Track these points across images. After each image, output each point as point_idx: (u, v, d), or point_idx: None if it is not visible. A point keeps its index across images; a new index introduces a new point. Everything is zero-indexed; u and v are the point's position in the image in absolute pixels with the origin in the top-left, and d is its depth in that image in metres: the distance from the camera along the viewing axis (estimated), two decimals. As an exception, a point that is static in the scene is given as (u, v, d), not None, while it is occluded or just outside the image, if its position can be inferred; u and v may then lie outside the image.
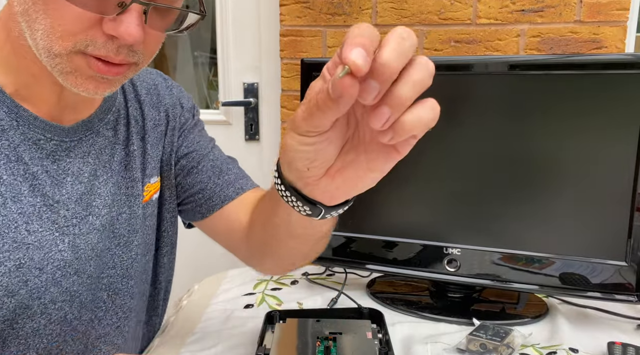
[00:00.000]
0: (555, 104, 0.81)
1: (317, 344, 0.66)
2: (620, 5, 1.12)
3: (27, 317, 0.57)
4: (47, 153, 0.58)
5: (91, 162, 0.63)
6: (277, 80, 1.35)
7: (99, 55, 0.50)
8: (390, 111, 0.38)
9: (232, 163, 0.79)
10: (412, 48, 0.38)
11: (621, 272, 0.80)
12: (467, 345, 0.73)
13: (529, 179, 0.83)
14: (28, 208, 0.56)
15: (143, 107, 0.71)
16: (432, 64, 0.40)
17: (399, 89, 0.38)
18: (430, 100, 0.42)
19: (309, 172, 0.46)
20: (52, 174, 0.58)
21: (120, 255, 0.66)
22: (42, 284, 0.58)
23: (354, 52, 0.35)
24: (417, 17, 1.19)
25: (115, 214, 0.65)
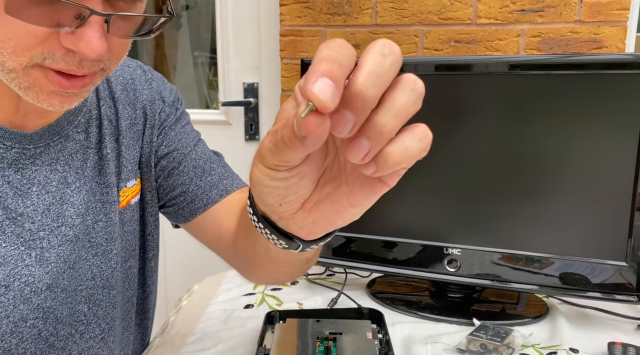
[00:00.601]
0: (555, 104, 0.81)
1: (317, 344, 0.66)
2: (620, 5, 1.12)
3: None
4: (8, 162, 0.54)
5: (60, 170, 0.58)
6: (277, 80, 1.35)
7: (58, 69, 0.46)
8: (370, 144, 0.32)
9: (217, 161, 0.74)
10: (394, 66, 0.31)
11: (621, 272, 0.80)
12: (467, 346, 0.73)
13: (529, 178, 0.83)
14: None
15: (117, 106, 0.66)
16: (421, 84, 0.32)
17: (380, 118, 0.31)
18: (420, 126, 0.34)
19: (281, 207, 0.40)
20: (14, 185, 0.54)
21: (98, 266, 0.63)
22: (10, 302, 0.54)
23: (318, 84, 0.29)
24: (417, 17, 1.19)
25: (91, 222, 0.61)
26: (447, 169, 0.88)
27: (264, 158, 0.36)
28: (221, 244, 0.70)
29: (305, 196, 0.40)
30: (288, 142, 0.33)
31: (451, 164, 0.87)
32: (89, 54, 0.44)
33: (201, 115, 1.53)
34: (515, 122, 0.84)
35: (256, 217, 0.44)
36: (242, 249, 0.64)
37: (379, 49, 0.31)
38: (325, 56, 0.30)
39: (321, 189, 0.40)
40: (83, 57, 0.45)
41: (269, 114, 1.46)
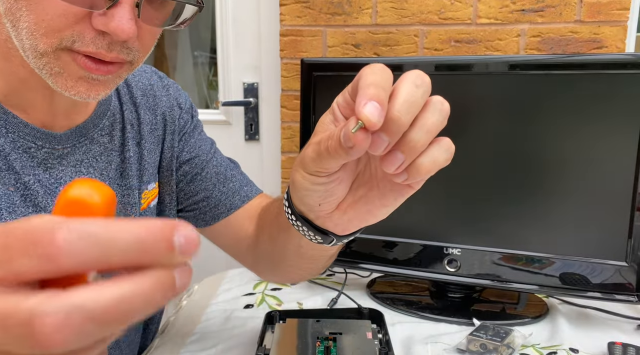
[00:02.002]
0: (556, 104, 0.81)
1: (317, 344, 0.66)
2: (620, 5, 1.12)
3: None
4: (38, 161, 0.55)
5: (84, 171, 0.59)
6: (277, 80, 1.35)
7: (87, 52, 0.46)
8: (404, 157, 0.38)
9: (235, 168, 0.77)
10: (425, 95, 0.37)
11: (621, 272, 0.79)
12: (467, 346, 0.73)
13: (529, 178, 0.83)
14: (26, 216, 0.53)
15: (139, 111, 0.68)
16: (447, 105, 0.39)
17: (413, 135, 0.37)
18: (445, 140, 0.41)
19: (320, 207, 0.46)
20: (44, 184, 0.55)
21: None
22: None
23: (368, 107, 0.34)
24: (417, 17, 1.19)
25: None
26: (447, 169, 0.87)
27: (306, 165, 0.42)
28: (240, 247, 0.73)
29: (341, 198, 0.46)
30: (333, 152, 0.38)
31: (451, 164, 0.87)
32: (119, 34, 0.44)
33: (201, 115, 1.51)
34: (515, 122, 0.84)
35: (294, 217, 0.50)
36: (265, 250, 0.67)
37: (412, 79, 0.36)
38: (372, 81, 0.35)
39: (355, 191, 0.46)
40: (113, 38, 0.45)
41: (268, 113, 1.46)
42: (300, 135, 0.96)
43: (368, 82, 0.35)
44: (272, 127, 1.45)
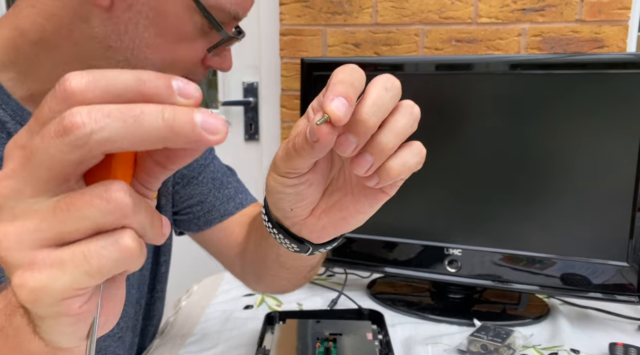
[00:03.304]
0: (556, 103, 0.81)
1: (317, 345, 0.66)
2: (621, 5, 1.12)
3: None
4: None
5: None
6: (277, 80, 1.35)
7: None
8: (374, 159, 0.37)
9: (232, 176, 0.78)
10: (395, 98, 0.37)
11: (622, 273, 0.79)
12: (467, 346, 0.73)
13: (530, 179, 0.83)
14: None
15: None
16: (417, 109, 0.39)
17: (382, 138, 0.37)
18: (416, 143, 0.40)
19: (292, 212, 0.45)
20: None
21: None
22: None
23: (335, 101, 0.34)
24: (417, 16, 1.18)
25: None
26: (448, 169, 0.87)
27: (277, 167, 0.42)
28: (230, 254, 0.73)
29: (313, 203, 0.45)
30: (300, 148, 0.38)
31: (451, 164, 0.87)
32: (227, 70, 0.58)
33: (201, 115, 1.52)
34: (515, 122, 0.83)
35: (271, 224, 0.49)
36: (251, 258, 0.67)
37: (382, 83, 0.37)
38: (342, 79, 0.35)
39: (329, 197, 0.45)
40: (220, 71, 0.58)
41: (268, 113, 1.46)
42: (300, 135, 0.96)
43: (337, 80, 0.35)
44: (272, 127, 1.44)
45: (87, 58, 0.53)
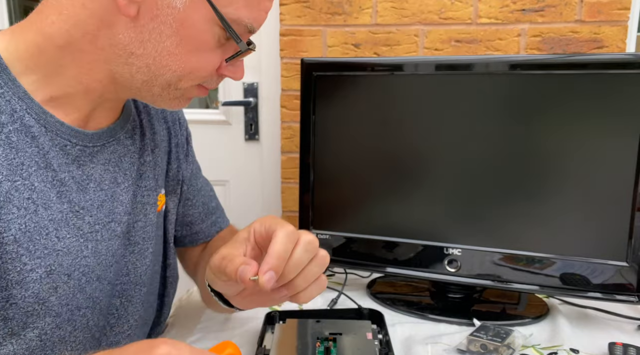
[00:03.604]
0: (556, 103, 0.81)
1: (317, 345, 0.66)
2: (621, 5, 1.12)
3: (55, 326, 0.57)
4: (72, 158, 0.58)
5: (111, 170, 0.63)
6: (277, 80, 1.35)
7: (209, 87, 0.61)
8: (288, 293, 0.55)
9: (214, 198, 0.85)
10: (311, 255, 0.53)
11: (622, 273, 0.79)
12: (467, 346, 0.73)
13: (530, 178, 0.83)
14: (57, 214, 0.56)
15: (152, 120, 0.71)
16: (327, 259, 0.55)
17: (298, 282, 0.54)
18: (322, 278, 0.56)
19: (223, 290, 0.61)
20: (77, 180, 0.59)
21: (134, 262, 0.67)
22: (70, 291, 0.57)
23: (267, 276, 0.50)
24: (417, 17, 1.18)
25: (132, 221, 0.66)
26: (448, 169, 0.87)
27: (211, 267, 0.58)
28: (199, 273, 0.79)
29: (237, 291, 0.60)
30: (227, 276, 0.54)
31: (451, 164, 0.87)
32: (239, 79, 0.62)
33: (201, 115, 1.52)
34: (515, 122, 0.84)
35: (210, 288, 0.63)
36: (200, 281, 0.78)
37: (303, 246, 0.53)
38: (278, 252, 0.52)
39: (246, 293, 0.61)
40: (233, 80, 0.62)
41: (268, 113, 1.46)
42: (300, 135, 0.96)
43: (275, 252, 0.51)
44: (272, 127, 1.44)
45: (109, 63, 0.55)
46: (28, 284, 0.53)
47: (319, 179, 0.95)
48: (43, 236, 0.54)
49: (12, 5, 1.53)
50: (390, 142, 0.90)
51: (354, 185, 0.93)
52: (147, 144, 0.69)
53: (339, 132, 0.93)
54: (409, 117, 0.89)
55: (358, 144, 0.92)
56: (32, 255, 0.53)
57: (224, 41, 0.57)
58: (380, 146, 0.91)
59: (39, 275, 0.54)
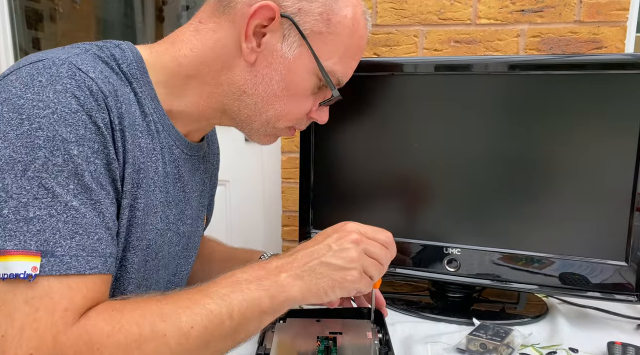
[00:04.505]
0: (555, 104, 0.81)
1: (317, 344, 0.66)
2: (620, 6, 1.12)
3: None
4: (174, 158, 0.67)
5: (191, 178, 0.72)
6: (277, 81, 1.35)
7: (297, 128, 0.71)
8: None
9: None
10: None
11: (621, 272, 0.80)
12: (467, 345, 0.73)
13: (529, 178, 0.83)
14: (162, 199, 0.64)
15: (209, 149, 0.81)
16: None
17: None
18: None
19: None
20: (173, 176, 0.67)
21: (181, 266, 0.74)
22: (153, 268, 0.64)
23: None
24: (416, 17, 1.19)
25: (194, 228, 0.74)
26: (447, 169, 0.88)
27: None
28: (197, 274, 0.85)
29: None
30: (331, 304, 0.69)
31: (451, 164, 0.87)
32: (324, 122, 0.71)
33: (201, 116, 1.53)
34: (515, 122, 0.84)
35: None
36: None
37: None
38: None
39: None
40: (319, 123, 0.72)
41: (268, 114, 1.47)
42: (300, 135, 0.96)
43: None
44: (272, 127, 1.45)
45: (224, 96, 0.66)
46: (138, 251, 0.61)
47: (319, 179, 0.95)
48: (153, 213, 0.62)
49: (12, 6, 1.54)
50: (389, 143, 0.90)
51: (353, 185, 0.93)
52: (207, 169, 0.79)
53: (339, 132, 0.93)
54: (408, 118, 0.89)
55: (358, 144, 0.92)
56: (144, 227, 0.61)
57: (316, 90, 0.67)
58: (380, 146, 0.91)
59: (143, 246, 0.61)
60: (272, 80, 0.64)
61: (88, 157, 0.52)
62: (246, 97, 0.65)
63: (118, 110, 0.56)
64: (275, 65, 0.63)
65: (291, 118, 0.67)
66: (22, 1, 1.59)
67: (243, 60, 0.63)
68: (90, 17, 1.74)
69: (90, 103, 0.53)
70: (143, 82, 0.62)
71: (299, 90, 0.65)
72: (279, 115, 0.66)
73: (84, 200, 0.51)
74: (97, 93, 0.54)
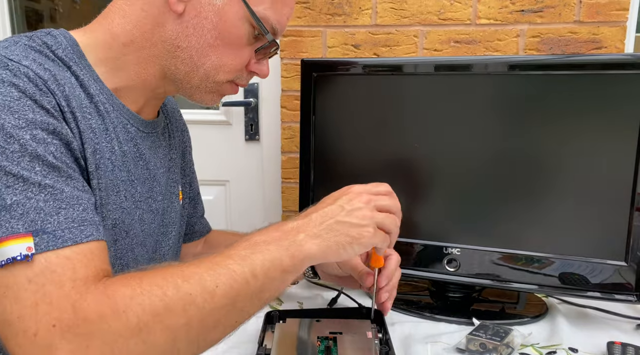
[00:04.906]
0: (555, 104, 0.81)
1: (318, 344, 0.66)
2: (619, 6, 1.12)
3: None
4: (131, 136, 0.66)
5: (153, 155, 0.71)
6: (277, 81, 1.35)
7: (240, 84, 0.70)
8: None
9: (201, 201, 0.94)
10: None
11: (621, 272, 0.80)
12: (466, 345, 0.73)
13: (529, 178, 0.84)
14: (123, 178, 0.64)
15: (172, 126, 0.80)
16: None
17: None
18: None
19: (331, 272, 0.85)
20: (133, 155, 0.67)
21: (160, 242, 0.73)
22: (125, 247, 0.64)
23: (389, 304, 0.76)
24: (416, 17, 1.19)
25: (166, 204, 0.74)
26: (447, 169, 0.88)
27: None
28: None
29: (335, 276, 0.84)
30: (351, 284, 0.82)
31: (451, 164, 0.87)
32: (265, 76, 0.70)
33: (201, 116, 1.52)
34: (515, 122, 0.84)
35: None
36: None
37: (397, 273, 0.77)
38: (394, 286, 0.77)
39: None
40: (259, 77, 0.70)
41: (268, 114, 1.46)
42: (300, 135, 0.96)
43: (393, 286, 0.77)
44: (272, 127, 1.45)
45: (160, 58, 0.65)
46: (106, 230, 0.60)
47: (319, 179, 0.96)
48: (115, 193, 0.62)
49: (13, 6, 1.54)
50: (389, 143, 0.90)
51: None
52: (172, 145, 0.78)
53: (339, 132, 0.93)
54: (408, 118, 0.89)
55: (358, 144, 0.92)
56: (107, 207, 0.61)
57: (253, 40, 0.66)
58: (379, 146, 0.91)
59: (109, 225, 0.61)
60: (203, 29, 0.63)
61: (45, 139, 0.52)
62: (180, 51, 0.64)
63: (62, 93, 0.56)
64: (204, 14, 0.62)
65: (230, 69, 0.66)
66: (22, 1, 1.59)
67: (172, 12, 0.62)
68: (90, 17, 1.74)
69: (32, 88, 0.53)
70: (82, 65, 0.61)
71: (233, 38, 0.64)
72: (217, 67, 0.65)
73: (56, 177, 0.51)
74: (35, 79, 0.53)
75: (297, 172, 0.98)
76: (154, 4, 0.63)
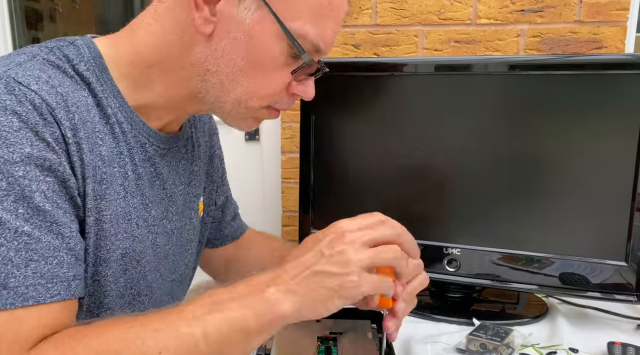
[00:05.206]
0: (555, 104, 0.81)
1: (318, 344, 0.66)
2: (620, 6, 1.12)
3: (119, 308, 0.59)
4: (148, 156, 0.63)
5: (172, 172, 0.68)
6: (277, 81, 1.35)
7: (280, 108, 0.62)
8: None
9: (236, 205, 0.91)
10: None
11: (621, 272, 0.80)
12: (467, 345, 0.73)
13: (529, 179, 0.83)
14: (137, 204, 0.61)
15: (198, 133, 0.76)
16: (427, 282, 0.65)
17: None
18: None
19: None
20: (149, 176, 0.63)
21: (178, 262, 0.71)
22: (136, 276, 0.61)
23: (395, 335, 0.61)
24: (416, 17, 1.19)
25: (183, 222, 0.71)
26: (447, 169, 0.88)
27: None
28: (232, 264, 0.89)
29: None
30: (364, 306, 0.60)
31: (451, 164, 0.87)
32: (309, 98, 0.62)
33: (201, 116, 1.52)
34: (515, 122, 0.84)
35: None
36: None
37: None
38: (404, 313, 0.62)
39: None
40: (303, 99, 0.62)
41: (268, 114, 1.47)
42: (300, 135, 0.96)
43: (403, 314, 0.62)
44: (272, 127, 1.44)
45: (189, 81, 0.60)
46: (111, 263, 0.57)
47: (319, 179, 0.95)
48: (126, 221, 0.59)
49: (12, 6, 1.54)
50: (389, 143, 0.90)
51: (353, 185, 0.93)
52: (196, 155, 0.74)
53: (339, 132, 0.93)
54: (408, 118, 0.89)
55: (358, 144, 0.92)
56: (116, 237, 0.58)
57: (291, 60, 0.58)
58: (379, 146, 0.91)
59: (117, 256, 0.58)
60: (232, 51, 0.56)
61: (37, 177, 0.48)
62: (210, 76, 0.58)
63: (70, 122, 0.52)
64: (234, 34, 0.56)
65: (264, 95, 0.59)
66: (22, 1, 1.59)
67: (200, 34, 0.56)
68: (90, 16, 1.74)
69: (35, 118, 0.49)
70: (103, 80, 0.58)
71: (266, 60, 0.57)
72: (249, 93, 0.59)
73: (37, 223, 0.48)
74: (41, 106, 0.50)
75: (297, 172, 0.98)
76: (182, 25, 0.57)
